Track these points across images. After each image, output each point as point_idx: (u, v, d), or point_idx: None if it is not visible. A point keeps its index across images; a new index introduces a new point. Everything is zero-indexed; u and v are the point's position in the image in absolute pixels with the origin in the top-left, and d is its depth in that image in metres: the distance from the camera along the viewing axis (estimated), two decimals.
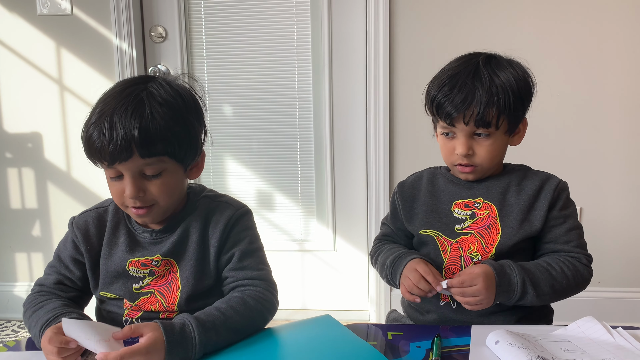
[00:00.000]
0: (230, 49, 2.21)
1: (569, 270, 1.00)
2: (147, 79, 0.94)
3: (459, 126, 1.02)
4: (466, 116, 1.00)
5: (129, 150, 0.87)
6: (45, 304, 0.94)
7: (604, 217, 2.06)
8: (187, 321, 0.84)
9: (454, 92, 1.00)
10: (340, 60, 2.16)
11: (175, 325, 0.83)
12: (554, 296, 1.00)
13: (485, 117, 1.00)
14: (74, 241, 1.01)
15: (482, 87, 1.00)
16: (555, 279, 0.99)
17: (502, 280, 0.96)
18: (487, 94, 0.99)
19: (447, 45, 2.01)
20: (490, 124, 1.01)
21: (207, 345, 0.83)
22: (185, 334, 0.82)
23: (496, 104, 0.99)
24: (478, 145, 1.03)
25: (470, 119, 1.00)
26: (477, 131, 1.02)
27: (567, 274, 1.00)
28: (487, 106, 0.99)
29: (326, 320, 0.94)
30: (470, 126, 1.01)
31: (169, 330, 0.81)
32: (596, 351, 0.82)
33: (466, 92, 1.00)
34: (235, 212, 1.00)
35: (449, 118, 1.01)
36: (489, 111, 1.00)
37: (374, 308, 2.26)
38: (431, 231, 1.08)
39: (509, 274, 0.97)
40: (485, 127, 1.01)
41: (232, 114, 2.26)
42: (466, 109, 0.99)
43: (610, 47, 1.97)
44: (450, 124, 1.02)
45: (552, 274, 0.99)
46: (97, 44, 2.18)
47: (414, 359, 0.84)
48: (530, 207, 1.04)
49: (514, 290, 0.97)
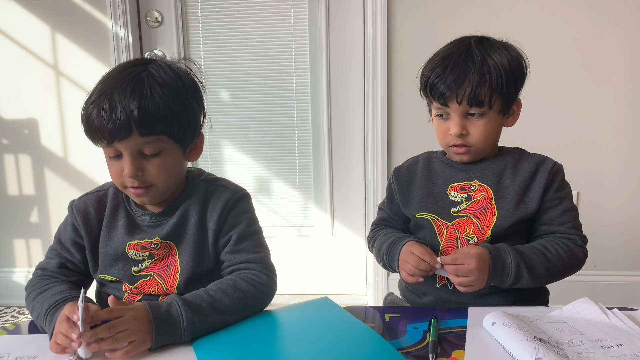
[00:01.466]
0: (227, 33, 2.19)
1: (564, 252, 1.01)
2: (147, 61, 0.95)
3: (452, 106, 1.03)
4: (459, 95, 1.01)
5: (128, 128, 0.87)
6: (51, 286, 0.94)
7: (601, 201, 2.07)
8: (173, 300, 0.85)
9: (446, 72, 1.02)
10: (338, 46, 2.14)
11: (162, 305, 0.84)
12: (549, 278, 1.01)
13: (477, 95, 1.01)
14: (73, 224, 1.01)
15: (474, 66, 1.01)
16: (550, 261, 0.99)
17: (497, 264, 0.97)
18: (479, 72, 1.00)
19: (445, 28, 2.00)
20: (483, 102, 1.01)
21: (195, 325, 0.84)
22: (172, 311, 0.83)
23: (488, 82, 1.00)
24: (472, 125, 1.04)
25: (463, 98, 1.01)
26: (470, 111, 1.03)
27: (563, 256, 1.01)
28: (479, 85, 1.00)
29: (324, 302, 0.95)
30: (463, 105, 1.02)
31: (155, 308, 0.83)
32: (591, 332, 0.83)
33: (458, 71, 1.01)
34: (233, 195, 1.00)
35: (442, 98, 1.02)
36: (482, 90, 1.01)
37: (371, 292, 2.27)
38: (427, 214, 1.09)
39: (503, 257, 0.98)
40: (478, 106, 1.02)
41: (229, 99, 2.25)
42: (458, 87, 1.01)
43: (610, 32, 1.96)
44: (444, 103, 1.03)
45: (547, 256, 1.00)
46: (92, 29, 2.16)
47: (411, 340, 0.85)
48: (525, 189, 1.05)
49: (507, 274, 0.98)
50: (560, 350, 0.76)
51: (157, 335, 0.81)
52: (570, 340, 0.81)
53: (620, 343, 0.79)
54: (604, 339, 0.81)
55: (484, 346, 0.81)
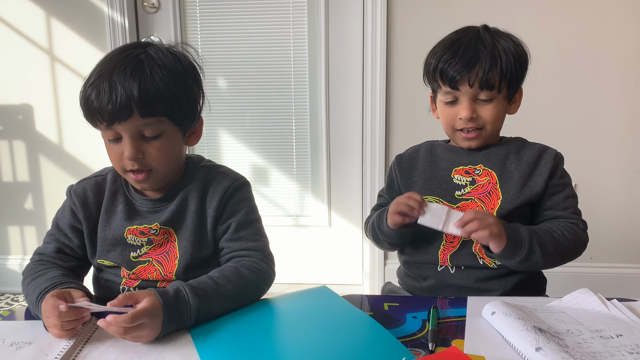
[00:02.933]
0: (225, 20, 2.16)
1: (570, 234, 1.02)
2: (146, 44, 0.94)
3: (463, 89, 1.04)
4: (471, 78, 1.02)
5: (128, 109, 0.86)
6: (45, 272, 0.93)
7: (599, 193, 2.07)
8: (180, 287, 0.85)
9: (458, 55, 1.03)
10: (336, 34, 2.12)
11: (169, 291, 0.83)
12: (557, 258, 1.01)
13: (490, 79, 1.02)
14: (72, 209, 1.00)
15: (485, 49, 1.03)
16: (558, 241, 1.00)
17: (511, 232, 0.97)
18: (491, 55, 1.02)
19: (446, 19, 1.98)
20: (493, 86, 1.03)
21: (200, 312, 0.84)
22: (180, 298, 0.83)
23: (499, 66, 1.02)
24: (481, 109, 1.05)
25: (476, 81, 1.02)
26: (479, 96, 1.04)
27: (569, 238, 1.02)
28: (491, 67, 1.02)
29: (323, 291, 0.95)
30: (474, 89, 1.03)
31: (164, 295, 0.82)
32: (591, 322, 0.83)
33: (470, 54, 1.03)
34: (233, 183, 1.00)
35: (453, 81, 1.03)
36: (493, 73, 1.02)
37: (368, 282, 2.27)
38: (432, 197, 1.09)
39: (516, 229, 0.98)
40: (489, 89, 1.03)
41: (226, 87, 2.23)
42: (471, 70, 1.02)
43: (609, 25, 1.96)
44: (455, 87, 1.04)
45: (554, 236, 1.01)
46: (88, 14, 2.13)
47: (411, 329, 0.84)
48: (530, 173, 1.06)
49: (521, 244, 0.97)
50: (560, 340, 0.76)
51: (166, 324, 0.80)
52: (570, 330, 0.80)
53: (619, 333, 0.79)
54: (603, 330, 0.81)
55: (484, 336, 0.81)
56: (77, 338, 0.80)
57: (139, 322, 0.77)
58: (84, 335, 0.82)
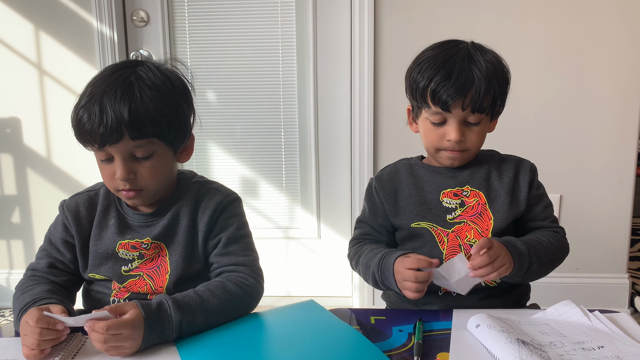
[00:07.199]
0: (214, 33, 2.18)
1: (555, 241, 1.04)
2: (136, 63, 0.95)
3: (455, 112, 1.00)
4: (465, 102, 0.99)
5: (119, 132, 0.87)
6: (32, 288, 0.94)
7: (583, 204, 2.10)
8: (163, 300, 0.86)
9: (452, 77, 0.98)
10: (325, 46, 2.15)
11: (152, 304, 0.84)
12: (549, 266, 1.03)
13: (482, 103, 1.00)
14: (64, 223, 1.01)
15: (480, 72, 0.99)
16: (548, 249, 1.02)
17: (513, 250, 0.96)
18: (485, 79, 0.99)
19: (432, 28, 2.01)
20: (484, 110, 1.01)
21: (182, 325, 0.84)
22: (162, 311, 0.84)
23: (492, 90, 1.00)
24: (470, 131, 1.04)
25: (469, 105, 0.99)
26: (468, 118, 1.02)
27: (555, 245, 1.04)
28: (485, 92, 0.99)
29: (310, 305, 0.95)
30: (466, 112, 1.00)
31: (146, 308, 0.83)
32: (573, 334, 0.85)
33: (465, 77, 0.99)
34: (224, 198, 1.01)
35: (446, 104, 1.00)
36: (487, 97, 1.00)
37: (357, 294, 2.28)
38: (425, 223, 1.06)
39: (514, 243, 0.98)
40: (480, 112, 1.01)
41: (216, 100, 2.24)
42: (466, 93, 0.99)
43: (592, 36, 1.99)
44: (446, 109, 1.00)
45: (544, 245, 1.02)
46: (77, 28, 2.13)
47: (397, 342, 0.85)
48: (513, 189, 1.08)
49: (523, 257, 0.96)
50: (543, 352, 0.77)
51: (147, 336, 0.81)
52: (552, 342, 0.82)
53: (601, 345, 0.81)
54: (585, 341, 0.82)
55: (468, 349, 0.82)
56: (64, 354, 0.81)
57: (118, 332, 0.78)
58: (70, 351, 0.82)
